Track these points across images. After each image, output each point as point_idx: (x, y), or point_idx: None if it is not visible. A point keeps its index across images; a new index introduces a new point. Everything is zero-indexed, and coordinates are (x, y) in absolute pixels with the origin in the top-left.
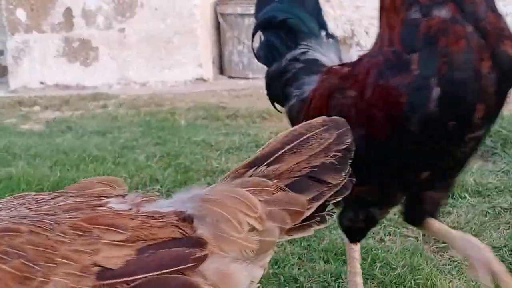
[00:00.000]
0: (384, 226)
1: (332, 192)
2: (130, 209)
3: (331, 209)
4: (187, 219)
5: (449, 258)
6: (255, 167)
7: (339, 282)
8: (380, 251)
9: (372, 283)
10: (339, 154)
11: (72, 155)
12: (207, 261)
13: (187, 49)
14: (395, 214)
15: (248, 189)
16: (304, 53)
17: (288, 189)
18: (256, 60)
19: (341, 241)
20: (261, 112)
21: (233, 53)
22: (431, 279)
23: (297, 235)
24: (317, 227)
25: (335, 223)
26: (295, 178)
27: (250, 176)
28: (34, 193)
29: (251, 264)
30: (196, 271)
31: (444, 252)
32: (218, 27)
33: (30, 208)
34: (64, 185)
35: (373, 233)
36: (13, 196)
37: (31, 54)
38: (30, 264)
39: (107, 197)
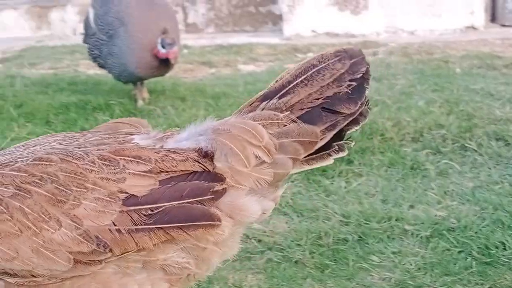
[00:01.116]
0: None
1: (348, 121)
2: (153, 144)
3: (349, 138)
4: (208, 155)
5: None
6: (268, 100)
7: None
8: None
9: None
10: (354, 83)
11: None
12: (223, 195)
13: None
14: None
15: (260, 122)
16: None
17: (300, 121)
18: None
19: None
20: None
21: (507, 0)
22: None
23: (317, 165)
24: (336, 156)
25: None
26: (307, 110)
27: (263, 109)
28: (67, 132)
29: (263, 197)
30: (214, 203)
31: None
32: None
33: (61, 144)
34: None
35: None
36: (47, 135)
37: (303, 3)
38: (63, 188)
39: (132, 134)
